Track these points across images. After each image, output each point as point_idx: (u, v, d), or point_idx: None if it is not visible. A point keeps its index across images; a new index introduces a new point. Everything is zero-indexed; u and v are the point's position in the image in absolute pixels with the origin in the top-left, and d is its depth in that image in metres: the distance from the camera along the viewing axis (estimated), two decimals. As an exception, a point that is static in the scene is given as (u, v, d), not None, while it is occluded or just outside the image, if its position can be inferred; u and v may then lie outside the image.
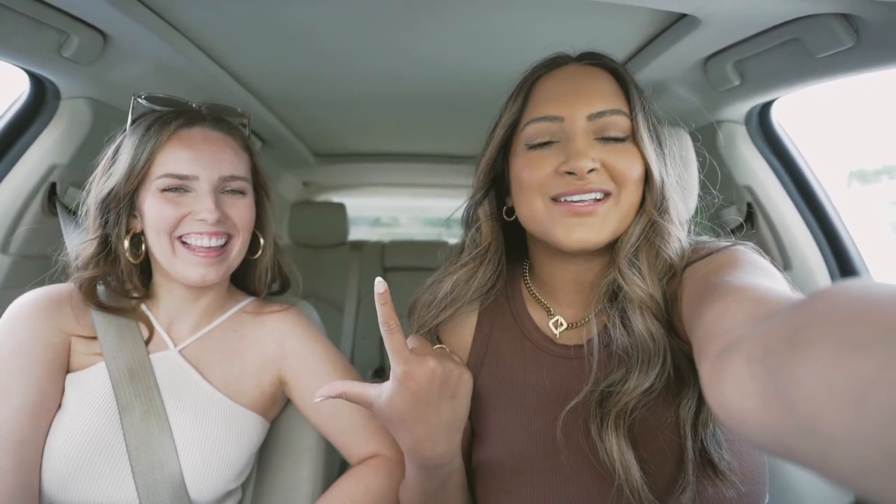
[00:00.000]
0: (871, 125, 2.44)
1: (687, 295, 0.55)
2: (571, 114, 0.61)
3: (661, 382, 0.57)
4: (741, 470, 0.57)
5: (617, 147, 0.61)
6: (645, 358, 0.58)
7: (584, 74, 0.65)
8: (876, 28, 0.71)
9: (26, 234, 1.03)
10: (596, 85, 0.64)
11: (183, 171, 0.74)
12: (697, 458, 0.56)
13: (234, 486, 0.81)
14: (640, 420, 0.59)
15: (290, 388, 0.87)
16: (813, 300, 0.30)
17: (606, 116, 0.61)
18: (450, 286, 0.71)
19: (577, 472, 0.62)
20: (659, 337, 0.58)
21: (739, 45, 0.88)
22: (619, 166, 0.60)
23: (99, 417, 0.72)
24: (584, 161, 0.58)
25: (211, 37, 0.96)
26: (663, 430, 0.59)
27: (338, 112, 1.53)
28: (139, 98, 0.79)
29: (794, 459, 0.28)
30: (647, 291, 0.59)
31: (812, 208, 1.17)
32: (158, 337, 0.81)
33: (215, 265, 0.76)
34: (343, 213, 2.27)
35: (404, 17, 0.88)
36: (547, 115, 0.63)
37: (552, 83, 0.65)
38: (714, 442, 0.56)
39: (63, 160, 1.04)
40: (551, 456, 0.63)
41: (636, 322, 0.59)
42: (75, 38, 0.84)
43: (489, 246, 0.71)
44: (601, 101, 0.62)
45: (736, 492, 0.56)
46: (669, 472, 0.57)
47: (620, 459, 0.56)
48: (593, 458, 0.60)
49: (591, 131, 0.61)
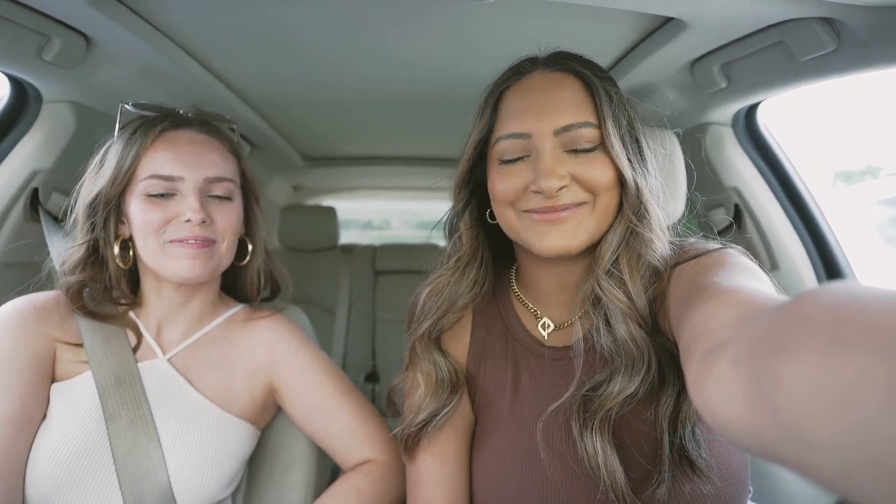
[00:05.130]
0: (854, 126, 2.49)
1: (674, 295, 0.55)
2: (538, 130, 0.61)
3: (645, 386, 0.57)
4: (721, 469, 0.57)
5: (587, 158, 0.61)
6: (629, 363, 0.58)
7: (550, 85, 0.63)
8: (857, 32, 0.72)
9: (8, 241, 1.01)
10: (562, 96, 0.62)
11: (168, 172, 0.73)
12: (675, 455, 0.56)
13: (225, 496, 0.80)
14: (619, 417, 0.59)
15: (280, 395, 0.86)
16: (797, 302, 0.31)
17: (573, 130, 0.60)
18: (437, 293, 0.71)
19: (560, 474, 0.62)
20: (642, 342, 0.58)
21: (725, 48, 0.89)
22: (590, 176, 0.60)
23: (85, 427, 0.71)
24: (552, 181, 0.58)
25: (196, 40, 0.95)
26: (641, 427, 0.59)
27: (327, 115, 1.52)
28: (126, 105, 0.79)
29: (778, 461, 0.28)
30: (625, 302, 0.59)
31: (798, 209, 1.18)
32: (147, 345, 0.80)
33: (203, 257, 0.75)
34: (333, 217, 2.25)
35: (392, 20, 0.88)
36: (514, 133, 0.62)
37: (518, 97, 0.65)
38: (693, 440, 0.57)
39: (45, 165, 1.02)
40: (534, 455, 0.64)
41: (619, 329, 0.59)
42: (57, 41, 0.82)
43: (470, 253, 0.72)
44: (567, 115, 0.60)
45: (713, 488, 0.56)
46: (646, 467, 0.58)
47: (605, 463, 0.56)
48: (573, 461, 0.60)
49: (559, 145, 0.61)
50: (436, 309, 0.71)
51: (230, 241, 0.80)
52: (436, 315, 0.71)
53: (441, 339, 0.75)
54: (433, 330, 0.71)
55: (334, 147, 2.01)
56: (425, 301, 0.72)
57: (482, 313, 0.77)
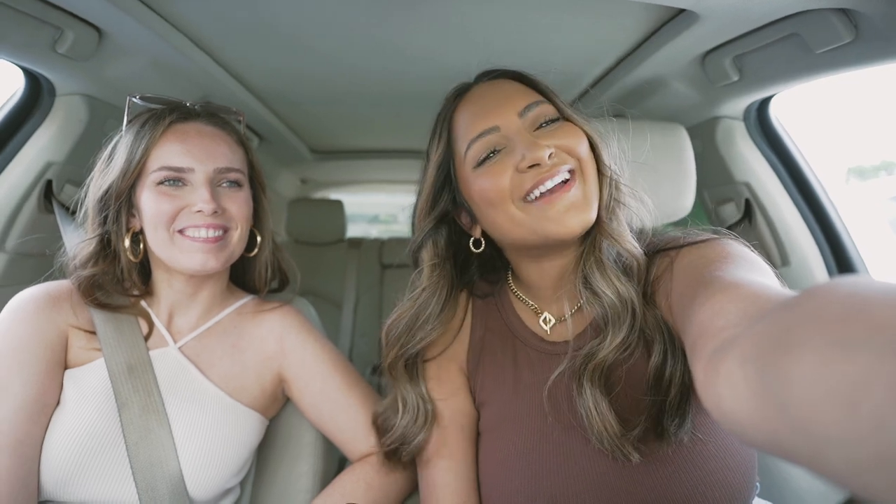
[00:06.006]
0: (869, 121, 2.44)
1: (677, 286, 0.56)
2: (503, 119, 0.65)
3: (634, 335, 0.61)
4: (728, 460, 0.58)
5: (555, 127, 0.65)
6: (615, 315, 0.61)
7: (495, 87, 0.69)
8: (875, 22, 0.71)
9: (23, 232, 1.02)
10: (509, 90, 0.68)
11: (178, 164, 0.74)
12: (653, 416, 0.59)
13: (233, 484, 0.81)
14: (613, 373, 0.63)
15: (289, 386, 0.87)
16: (804, 298, 0.30)
17: (533, 109, 0.65)
18: (397, 324, 0.73)
19: (567, 439, 0.63)
20: (626, 294, 0.62)
21: (738, 41, 0.87)
22: (567, 142, 0.63)
23: (98, 414, 0.72)
24: (541, 151, 0.61)
25: (207, 33, 0.95)
26: (633, 383, 0.62)
27: (335, 109, 1.52)
28: (133, 98, 0.80)
29: (788, 458, 0.28)
30: (612, 258, 0.63)
31: (810, 204, 1.17)
32: (158, 333, 0.81)
33: (215, 251, 0.76)
34: (341, 210, 2.26)
35: (400, 13, 0.88)
36: (482, 131, 0.65)
37: (469, 105, 0.69)
38: (673, 411, 0.58)
39: (59, 157, 1.03)
40: (537, 449, 0.65)
41: (599, 284, 0.62)
42: (70, 33, 0.83)
43: (427, 288, 0.73)
44: (522, 99, 0.66)
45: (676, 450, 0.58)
46: (635, 418, 0.60)
47: (596, 409, 0.59)
48: (576, 423, 0.62)
49: (527, 125, 0.65)
50: (399, 339, 0.73)
51: (243, 228, 0.80)
52: (398, 345, 0.73)
53: (428, 349, 0.76)
54: (403, 357, 0.73)
55: (342, 140, 2.02)
56: (388, 331, 0.74)
57: (481, 313, 0.78)
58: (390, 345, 0.74)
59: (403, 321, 0.73)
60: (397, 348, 0.73)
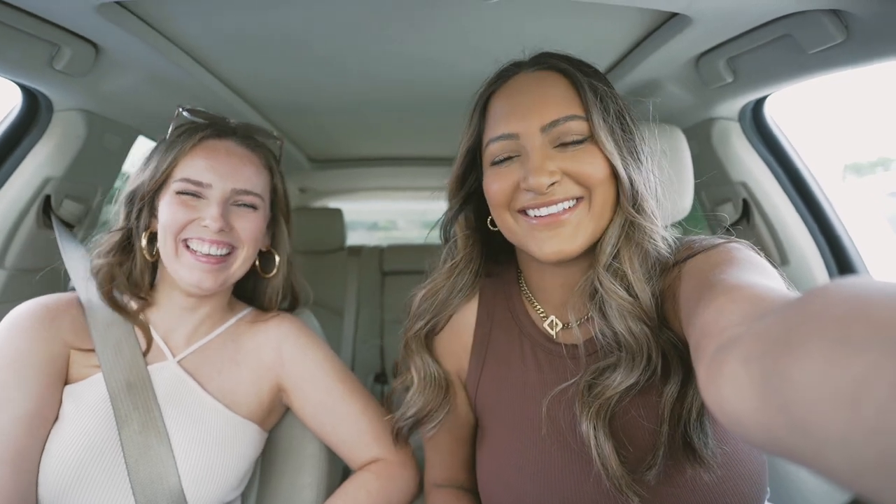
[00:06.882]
0: (864, 118, 2.45)
1: (684, 291, 0.55)
2: (525, 129, 0.62)
3: (645, 378, 0.59)
4: (736, 466, 0.58)
5: (577, 151, 0.61)
6: (629, 357, 0.59)
7: (535, 83, 0.64)
8: (866, 23, 0.71)
9: (22, 247, 1.02)
10: (547, 93, 0.63)
11: (198, 178, 0.77)
12: (679, 442, 0.57)
13: (234, 497, 0.81)
14: (619, 406, 0.61)
15: (288, 396, 0.87)
16: (806, 299, 0.31)
17: (560, 124, 0.61)
18: (432, 296, 0.75)
19: (565, 462, 0.63)
20: (642, 336, 0.58)
21: (731, 43, 0.88)
22: (582, 170, 0.60)
23: (96, 429, 0.72)
24: (541, 178, 0.58)
25: (203, 46, 0.96)
26: (641, 415, 0.60)
27: (332, 117, 1.53)
28: (182, 109, 0.83)
29: (790, 458, 0.28)
30: (626, 298, 0.60)
31: (808, 203, 1.17)
32: (157, 347, 0.81)
33: (214, 273, 0.77)
34: (340, 219, 2.26)
35: (397, 21, 0.88)
36: (502, 134, 0.63)
37: (504, 99, 0.66)
38: (699, 430, 0.57)
39: (57, 172, 1.03)
40: (539, 446, 0.65)
41: (617, 324, 0.60)
42: (67, 50, 0.84)
43: (465, 260, 0.74)
44: (553, 110, 0.61)
45: (714, 476, 0.56)
46: (643, 454, 0.59)
47: (597, 449, 0.58)
48: (573, 441, 0.62)
49: (547, 142, 0.61)
50: (430, 310, 0.75)
51: (249, 249, 0.81)
52: (429, 316, 0.75)
53: (436, 338, 0.78)
54: (426, 329, 0.76)
55: (340, 149, 2.02)
56: (420, 302, 0.76)
57: (488, 306, 0.77)
58: (419, 316, 0.76)
59: (442, 291, 0.74)
60: (427, 318, 0.75)
